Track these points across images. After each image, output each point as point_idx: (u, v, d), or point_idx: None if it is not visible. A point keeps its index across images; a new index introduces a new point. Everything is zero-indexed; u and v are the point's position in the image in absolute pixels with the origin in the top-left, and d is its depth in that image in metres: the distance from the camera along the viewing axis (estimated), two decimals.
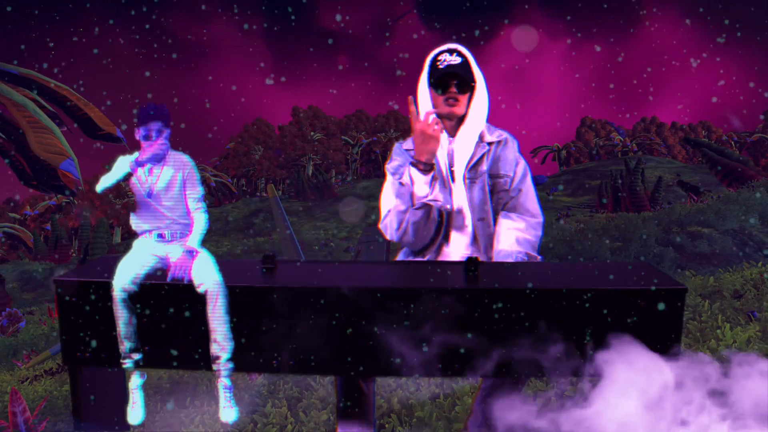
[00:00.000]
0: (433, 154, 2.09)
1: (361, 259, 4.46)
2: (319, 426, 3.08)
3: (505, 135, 2.27)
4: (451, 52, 2.18)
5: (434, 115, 2.08)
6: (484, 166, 2.20)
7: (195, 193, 1.75)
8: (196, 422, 3.19)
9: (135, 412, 1.75)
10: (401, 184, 2.14)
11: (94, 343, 1.75)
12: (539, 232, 2.22)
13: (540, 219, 2.24)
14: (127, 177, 1.70)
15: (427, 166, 2.09)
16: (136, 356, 1.73)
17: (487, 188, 2.19)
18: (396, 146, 2.32)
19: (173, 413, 3.34)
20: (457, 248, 2.19)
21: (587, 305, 1.63)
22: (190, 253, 1.71)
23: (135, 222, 1.77)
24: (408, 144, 2.28)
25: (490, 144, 2.22)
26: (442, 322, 1.66)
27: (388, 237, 2.21)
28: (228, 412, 1.76)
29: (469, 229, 2.19)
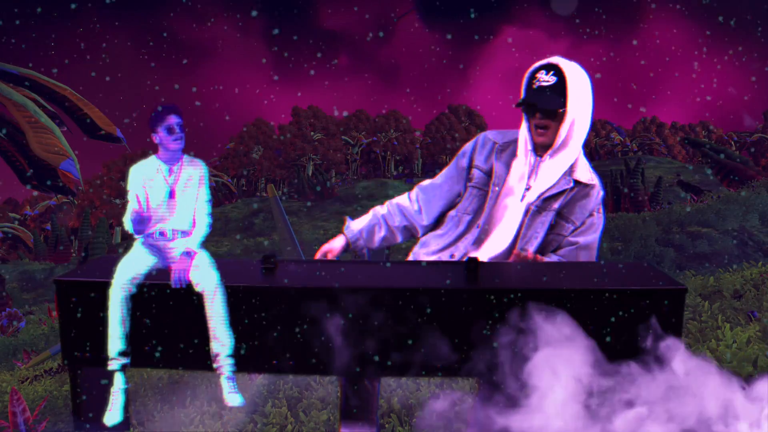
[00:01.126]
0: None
1: (361, 259, 4.46)
2: (319, 426, 3.08)
3: (595, 181, 2.08)
4: (548, 69, 1.98)
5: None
6: (557, 204, 2.04)
7: (205, 195, 1.78)
8: (196, 422, 3.19)
9: (112, 414, 1.73)
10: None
11: (94, 343, 1.75)
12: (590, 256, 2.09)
13: (593, 257, 2.10)
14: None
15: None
16: (124, 360, 1.71)
17: (547, 225, 2.04)
18: (484, 133, 2.18)
19: (173, 413, 3.34)
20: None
21: (587, 305, 1.63)
22: (188, 254, 1.72)
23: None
24: (497, 136, 2.14)
25: (577, 183, 2.04)
26: (442, 322, 1.66)
27: None
28: (233, 396, 1.75)
29: (506, 250, 2.06)
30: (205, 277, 1.69)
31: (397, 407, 3.11)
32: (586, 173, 2.06)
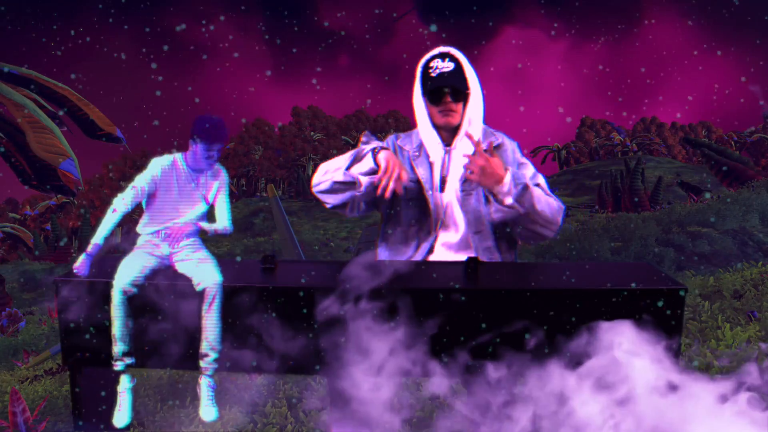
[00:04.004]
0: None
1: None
2: (319, 426, 3.08)
3: (500, 139, 2.13)
4: (443, 57, 2.06)
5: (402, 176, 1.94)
6: None
7: (225, 202, 1.82)
8: (196, 422, 3.19)
9: (121, 415, 1.75)
10: (357, 153, 2.03)
11: (93, 344, 1.75)
12: (561, 211, 2.07)
13: (562, 206, 2.09)
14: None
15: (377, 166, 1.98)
16: (128, 360, 1.73)
17: (482, 199, 2.06)
18: (391, 137, 2.22)
19: (173, 413, 3.34)
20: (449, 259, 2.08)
21: (587, 305, 1.63)
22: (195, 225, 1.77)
23: (146, 223, 1.78)
24: (404, 141, 2.17)
25: (485, 152, 2.06)
26: (441, 322, 1.66)
27: (313, 179, 2.14)
28: (208, 410, 1.76)
29: (463, 241, 2.08)
30: (207, 277, 1.69)
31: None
32: (488, 139, 2.10)
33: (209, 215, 1.84)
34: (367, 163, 2.00)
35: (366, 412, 1.73)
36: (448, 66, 2.04)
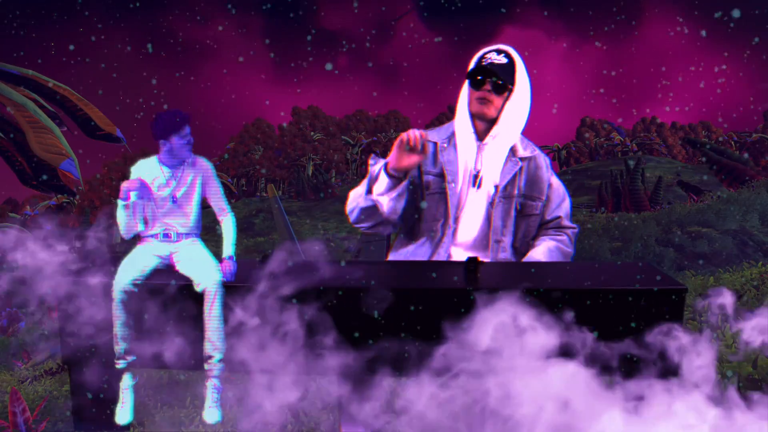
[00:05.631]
0: (404, 171, 1.99)
1: (362, 258, 4.46)
2: (319, 426, 3.08)
3: (537, 151, 2.14)
4: (499, 52, 2.06)
5: (419, 134, 1.92)
6: (517, 189, 2.08)
7: (217, 191, 1.79)
8: (196, 422, 3.19)
9: (123, 413, 1.76)
10: (371, 175, 2.06)
11: (93, 344, 1.75)
12: (570, 250, 2.16)
13: (576, 230, 2.19)
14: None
15: (395, 177, 2.00)
16: (130, 358, 1.73)
17: (513, 211, 2.08)
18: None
19: (173, 413, 3.34)
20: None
21: (587, 305, 1.63)
22: (230, 258, 1.75)
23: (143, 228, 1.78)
24: (432, 135, 2.14)
25: (522, 160, 2.09)
26: (441, 322, 1.66)
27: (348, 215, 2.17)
28: (212, 412, 1.77)
29: (480, 243, 2.08)
30: (206, 278, 1.69)
31: (398, 407, 3.11)
32: (527, 149, 2.13)
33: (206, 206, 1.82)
34: (382, 181, 2.01)
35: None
36: (501, 60, 2.04)
